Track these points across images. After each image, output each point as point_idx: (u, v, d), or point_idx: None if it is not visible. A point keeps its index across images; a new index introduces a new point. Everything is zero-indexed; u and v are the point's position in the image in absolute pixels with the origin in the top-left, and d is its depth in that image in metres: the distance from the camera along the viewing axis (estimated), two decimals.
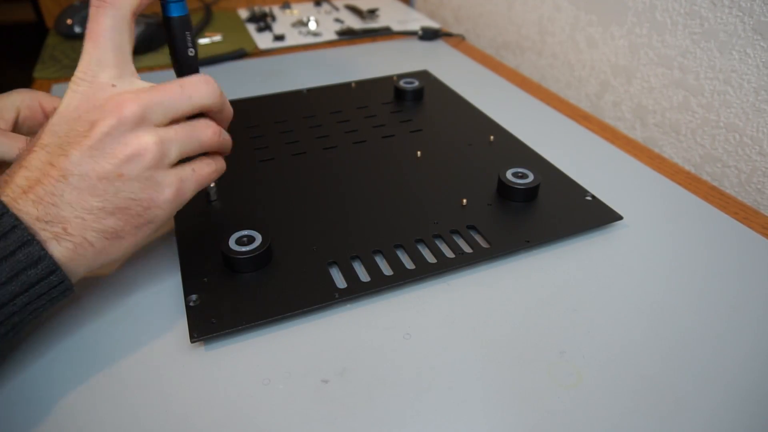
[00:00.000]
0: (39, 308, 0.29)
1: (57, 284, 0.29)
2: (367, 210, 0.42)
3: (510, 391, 0.30)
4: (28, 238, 0.27)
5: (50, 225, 0.28)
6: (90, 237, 0.29)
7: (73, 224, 0.29)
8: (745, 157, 0.52)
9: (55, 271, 0.28)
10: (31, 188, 0.28)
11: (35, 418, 0.28)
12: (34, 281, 0.28)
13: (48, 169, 0.28)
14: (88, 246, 0.29)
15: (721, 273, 0.37)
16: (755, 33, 0.49)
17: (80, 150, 0.29)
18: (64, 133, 0.29)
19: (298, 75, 0.68)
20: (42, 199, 0.28)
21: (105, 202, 0.29)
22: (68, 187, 0.28)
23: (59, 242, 0.28)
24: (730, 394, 0.30)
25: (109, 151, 0.29)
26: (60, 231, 0.28)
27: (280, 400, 0.29)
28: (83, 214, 0.29)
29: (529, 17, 0.76)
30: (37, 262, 0.27)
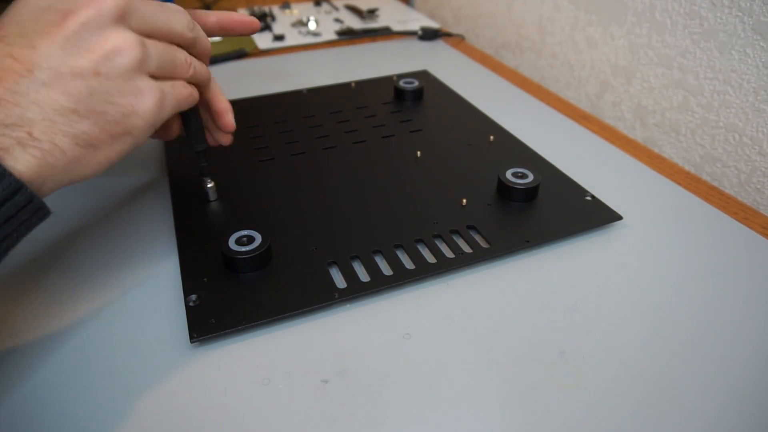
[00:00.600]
0: (12, 233, 0.25)
1: (25, 204, 0.25)
2: (366, 210, 0.42)
3: (510, 391, 0.30)
4: None
5: (11, 129, 0.24)
6: (60, 143, 0.25)
7: (40, 127, 0.25)
8: (745, 157, 0.52)
9: (19, 190, 0.24)
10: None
11: (35, 418, 0.28)
12: (2, 198, 0.24)
13: (9, 62, 0.25)
14: (58, 153, 0.26)
15: (721, 273, 0.37)
16: (755, 33, 0.49)
17: (51, 41, 0.25)
18: (30, 22, 0.25)
19: (298, 75, 0.68)
20: (1, 99, 0.24)
21: (78, 103, 0.26)
22: (34, 84, 0.25)
23: (24, 149, 0.24)
24: (729, 393, 0.30)
25: (85, 44, 0.26)
26: (24, 136, 0.24)
27: (280, 400, 0.29)
28: (52, 116, 0.25)
29: (529, 17, 0.76)
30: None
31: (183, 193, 0.44)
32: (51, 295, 0.35)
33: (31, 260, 0.38)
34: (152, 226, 0.42)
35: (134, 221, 0.42)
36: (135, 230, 0.41)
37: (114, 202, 0.44)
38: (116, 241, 0.40)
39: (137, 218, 0.42)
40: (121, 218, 0.42)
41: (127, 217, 0.43)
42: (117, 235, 0.41)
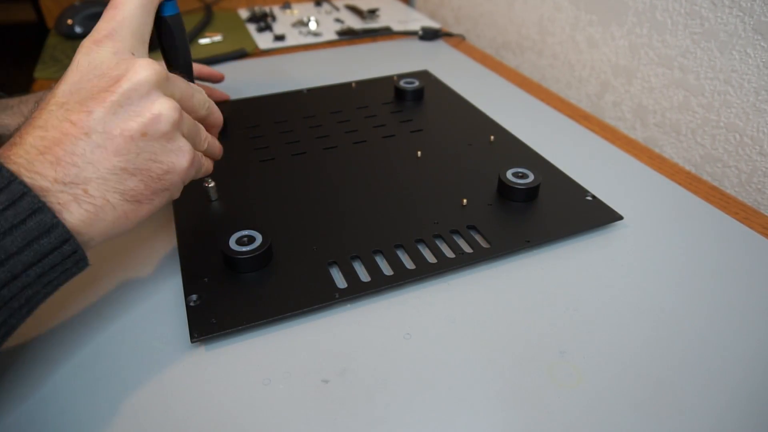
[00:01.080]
0: (53, 281, 0.27)
1: (70, 254, 0.27)
2: (367, 210, 0.42)
3: (510, 391, 0.29)
4: (39, 206, 0.25)
5: (69, 187, 0.27)
6: (112, 199, 0.28)
7: (94, 185, 0.27)
8: (746, 157, 0.52)
9: (68, 240, 0.26)
10: (48, 149, 0.26)
11: (35, 418, 0.28)
12: (47, 251, 0.26)
13: (67, 127, 0.27)
14: (109, 209, 0.28)
15: (721, 273, 0.37)
16: (755, 33, 0.49)
17: (104, 106, 0.27)
18: (86, 89, 0.28)
19: (298, 75, 0.68)
20: (61, 160, 0.26)
21: (128, 162, 0.28)
22: (90, 146, 0.27)
23: (80, 204, 0.27)
24: (730, 393, 0.30)
25: (133, 109, 0.28)
26: (80, 192, 0.27)
27: (280, 400, 0.29)
28: (105, 174, 0.28)
29: (529, 17, 0.76)
30: (50, 231, 0.26)
31: (183, 193, 0.44)
32: (51, 295, 0.35)
33: None
34: (153, 226, 0.42)
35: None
36: (135, 230, 0.41)
37: None
38: (116, 241, 0.40)
39: None
40: None
41: None
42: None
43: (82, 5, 0.80)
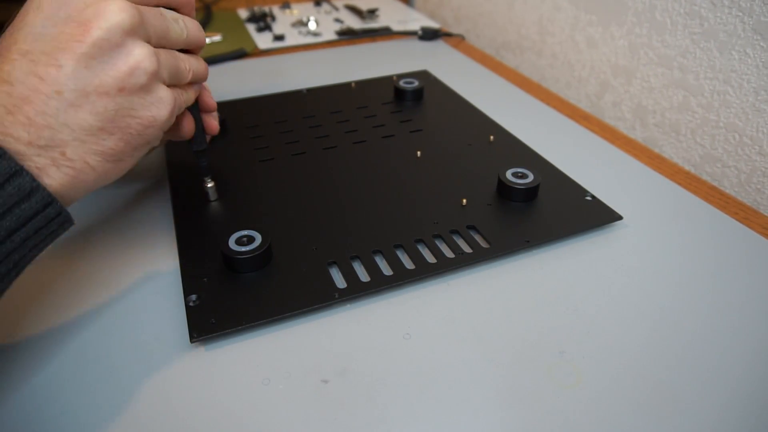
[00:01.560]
0: (39, 243, 0.26)
1: (54, 216, 0.26)
2: (366, 210, 0.42)
3: (510, 391, 0.30)
4: (17, 169, 0.24)
5: (46, 150, 0.25)
6: (91, 160, 0.27)
7: (72, 148, 0.26)
8: (745, 157, 0.52)
9: (50, 203, 0.25)
10: (17, 108, 0.24)
11: (35, 418, 0.28)
12: (30, 215, 0.25)
13: (36, 83, 0.25)
14: (89, 170, 0.27)
15: (721, 273, 0.37)
16: (755, 33, 0.49)
17: (74, 59, 0.25)
18: (51, 36, 0.25)
19: (298, 75, 0.68)
20: (33, 121, 0.25)
21: (105, 121, 0.26)
22: (63, 105, 0.25)
23: (59, 168, 0.26)
24: (729, 393, 0.30)
25: (108, 60, 0.26)
26: (58, 156, 0.25)
27: (280, 400, 0.29)
28: (82, 136, 0.26)
29: (529, 17, 0.76)
30: (30, 195, 0.24)
31: (183, 193, 0.44)
32: (51, 295, 0.35)
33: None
34: (152, 226, 0.42)
35: (134, 221, 0.42)
36: (135, 230, 0.41)
37: (114, 202, 0.44)
38: (116, 242, 0.40)
39: (137, 218, 0.42)
40: (122, 219, 0.42)
41: (127, 218, 0.43)
42: (117, 236, 0.41)
43: None
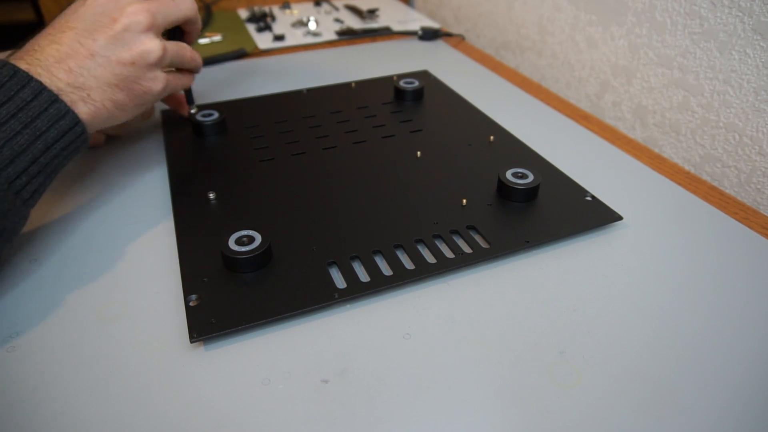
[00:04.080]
0: (69, 154, 0.37)
1: (80, 134, 0.37)
2: (366, 210, 0.42)
3: (510, 391, 0.30)
4: (55, 98, 0.35)
5: (78, 90, 0.37)
6: (107, 104, 0.39)
7: (95, 92, 0.38)
8: (745, 157, 0.52)
9: (78, 123, 0.36)
10: (63, 60, 0.36)
11: (35, 418, 0.28)
12: (65, 129, 0.36)
13: (77, 47, 0.37)
14: (104, 111, 0.39)
15: (721, 273, 0.37)
16: (755, 33, 0.49)
17: (106, 37, 0.38)
18: (91, 22, 0.38)
19: (298, 75, 0.68)
20: (72, 70, 0.37)
21: (119, 80, 0.39)
22: (94, 64, 0.37)
23: (85, 104, 0.37)
24: (729, 393, 0.30)
25: (127, 43, 0.39)
26: (86, 96, 0.37)
27: (280, 400, 0.29)
28: (103, 86, 0.38)
29: (529, 17, 0.76)
30: (65, 115, 0.36)
31: (183, 193, 0.44)
32: (51, 295, 0.35)
33: (31, 260, 0.38)
34: (152, 226, 0.42)
35: (135, 221, 0.42)
36: (135, 230, 0.41)
37: (114, 202, 0.44)
38: (117, 241, 0.40)
39: (138, 218, 0.42)
40: (122, 218, 0.42)
41: (127, 217, 0.43)
42: (117, 235, 0.41)
43: None
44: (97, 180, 0.47)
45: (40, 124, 0.34)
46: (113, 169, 0.49)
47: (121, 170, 0.49)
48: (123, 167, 0.49)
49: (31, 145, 0.34)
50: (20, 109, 0.34)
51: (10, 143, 0.33)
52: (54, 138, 0.35)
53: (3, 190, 0.33)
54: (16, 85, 0.34)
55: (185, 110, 0.53)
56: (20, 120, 0.34)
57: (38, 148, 0.34)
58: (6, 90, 0.34)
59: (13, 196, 0.34)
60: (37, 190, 0.36)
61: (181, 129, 0.53)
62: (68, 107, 0.36)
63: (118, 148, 0.52)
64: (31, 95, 0.34)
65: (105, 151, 0.51)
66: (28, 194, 0.35)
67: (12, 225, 0.34)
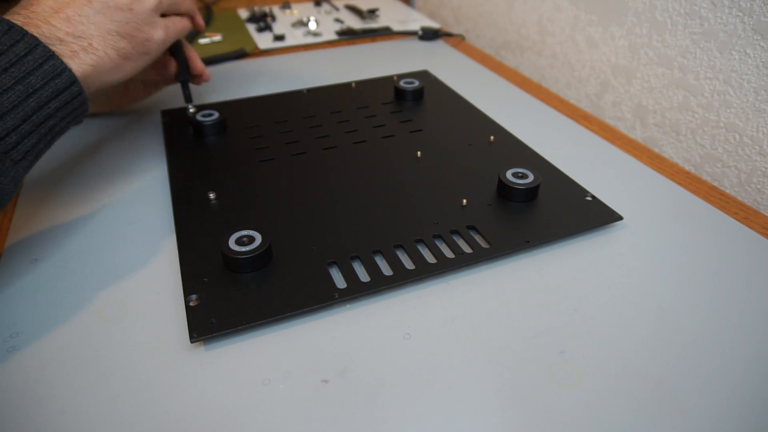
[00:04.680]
0: (66, 117, 0.36)
1: (77, 94, 0.36)
2: (366, 210, 0.42)
3: (510, 391, 0.30)
4: (50, 54, 0.34)
5: (79, 39, 0.36)
6: (109, 53, 0.38)
7: (97, 41, 0.37)
8: (745, 157, 0.52)
9: (74, 82, 0.35)
10: (62, 9, 0.36)
11: (34, 417, 0.28)
12: (61, 88, 0.34)
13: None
14: (107, 60, 0.38)
15: (721, 273, 0.37)
16: (755, 33, 0.49)
17: None
18: None
19: (298, 75, 0.68)
20: (71, 18, 0.36)
21: (119, 27, 0.39)
22: (92, 11, 0.37)
23: (87, 53, 0.36)
24: (730, 393, 0.30)
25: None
26: (87, 45, 0.36)
27: (280, 400, 0.29)
28: (104, 34, 0.38)
29: (529, 17, 0.76)
30: (61, 73, 0.34)
31: (183, 193, 0.44)
32: (51, 295, 0.35)
33: (31, 260, 0.38)
34: (153, 227, 0.42)
35: (134, 222, 0.42)
36: (135, 230, 0.41)
37: (115, 202, 0.44)
38: (117, 241, 0.40)
39: (137, 219, 0.42)
40: (122, 218, 0.42)
41: (127, 218, 0.43)
42: (118, 235, 0.41)
43: None
44: (97, 180, 0.47)
45: (34, 80, 0.33)
46: (113, 168, 0.49)
47: (121, 170, 0.49)
48: (123, 167, 0.49)
49: (23, 102, 0.33)
50: (12, 64, 0.33)
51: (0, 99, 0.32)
52: (48, 96, 0.34)
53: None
54: (10, 39, 0.33)
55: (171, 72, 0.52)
56: (12, 75, 0.33)
57: (30, 105, 0.33)
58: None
59: (1, 155, 0.32)
60: (30, 152, 0.34)
61: (181, 129, 0.53)
62: (64, 65, 0.34)
63: (118, 147, 0.52)
64: (25, 50, 0.33)
65: (105, 150, 0.51)
66: (19, 155, 0.33)
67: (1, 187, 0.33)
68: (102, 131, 0.54)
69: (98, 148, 0.52)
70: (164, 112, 0.57)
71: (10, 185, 0.33)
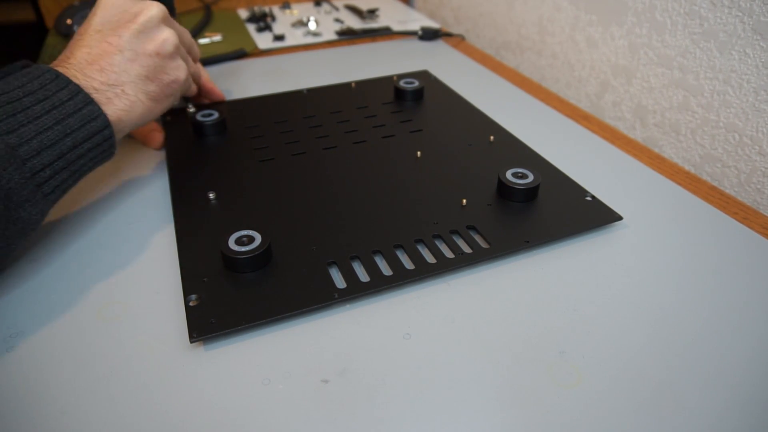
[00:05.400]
0: (95, 157, 0.38)
1: (108, 137, 0.38)
2: (366, 210, 0.42)
3: (510, 391, 0.30)
4: (89, 100, 0.37)
5: (113, 88, 0.39)
6: (141, 97, 0.41)
7: (129, 87, 0.40)
8: (745, 157, 0.52)
9: (107, 126, 0.38)
10: (95, 61, 0.39)
11: (34, 417, 0.28)
12: (96, 130, 0.37)
13: (106, 46, 0.40)
14: (139, 104, 0.41)
15: (720, 273, 0.37)
16: (755, 33, 0.49)
17: (129, 32, 0.41)
18: (114, 21, 0.41)
19: (298, 75, 0.68)
20: (104, 69, 0.39)
21: (148, 71, 0.42)
22: (123, 59, 0.40)
23: (120, 99, 0.39)
24: (730, 393, 0.30)
25: (149, 35, 0.42)
26: (120, 92, 0.40)
27: (280, 400, 0.29)
28: (135, 80, 0.41)
29: (529, 17, 0.76)
30: (97, 117, 0.37)
31: (183, 193, 0.44)
32: (51, 295, 0.35)
33: (31, 260, 0.38)
34: (152, 227, 0.42)
35: (134, 222, 0.42)
36: (135, 230, 0.41)
37: (114, 202, 0.44)
38: (117, 241, 0.40)
39: (137, 219, 0.42)
40: (122, 218, 0.42)
41: (127, 218, 0.43)
42: (117, 235, 0.41)
43: (82, 5, 0.80)
44: (97, 180, 0.47)
45: (72, 122, 0.36)
46: (113, 169, 0.49)
47: (121, 170, 0.48)
48: (123, 167, 0.49)
49: (60, 141, 0.35)
50: (55, 107, 0.36)
51: (40, 136, 0.35)
52: (83, 137, 0.36)
53: (25, 179, 0.33)
54: (56, 87, 0.36)
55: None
56: (53, 117, 0.35)
57: (66, 144, 0.36)
58: (46, 90, 0.36)
59: (34, 188, 0.34)
60: (59, 186, 0.36)
61: (181, 129, 0.53)
62: (101, 110, 0.37)
63: (117, 147, 0.52)
64: (68, 96, 0.36)
65: None
66: (50, 189, 0.35)
67: (28, 216, 0.34)
68: None
69: None
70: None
71: (38, 216, 0.35)
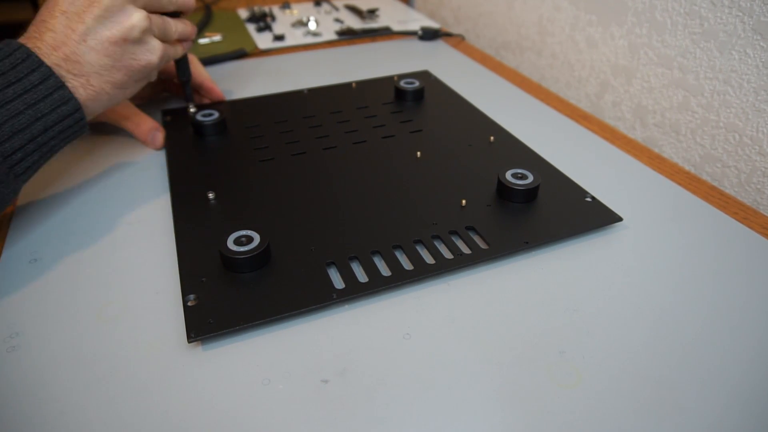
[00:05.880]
0: (66, 137, 0.39)
1: (79, 119, 0.39)
2: (365, 210, 0.42)
3: (510, 391, 0.29)
4: (60, 84, 0.37)
5: (78, 77, 0.38)
6: (105, 87, 0.40)
7: (94, 77, 0.39)
8: (745, 157, 0.52)
9: (78, 109, 0.38)
10: (59, 47, 0.38)
11: (33, 417, 0.28)
12: (66, 114, 0.38)
13: (69, 33, 0.38)
14: (104, 93, 0.40)
15: (721, 273, 0.37)
16: (755, 33, 0.49)
17: (92, 17, 0.38)
18: (79, 3, 0.39)
19: (298, 75, 0.68)
20: (69, 58, 0.38)
21: (114, 60, 0.40)
22: (86, 48, 0.38)
23: (85, 89, 0.39)
24: (730, 393, 0.30)
25: (114, 20, 0.39)
26: (85, 82, 0.39)
27: (280, 400, 0.29)
28: (99, 70, 0.39)
29: (529, 17, 0.76)
30: (68, 101, 0.38)
31: (183, 193, 0.44)
32: (51, 295, 0.35)
33: (31, 260, 0.38)
34: (152, 226, 0.42)
35: (133, 221, 0.42)
36: (135, 230, 0.41)
37: (114, 202, 0.44)
38: (116, 241, 0.40)
39: (136, 218, 0.42)
40: (121, 218, 0.42)
41: (126, 217, 0.43)
42: (117, 235, 0.41)
43: None
44: (96, 180, 0.47)
45: (43, 107, 0.36)
46: (113, 169, 0.49)
47: (120, 170, 0.48)
48: (122, 167, 0.49)
49: (31, 125, 0.36)
50: (26, 91, 0.36)
51: (12, 121, 0.35)
52: (54, 121, 0.37)
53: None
54: (27, 68, 0.36)
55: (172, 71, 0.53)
56: (25, 101, 0.36)
57: (38, 128, 0.36)
58: (17, 72, 0.36)
59: (6, 170, 0.36)
60: (31, 167, 0.37)
61: (181, 129, 0.53)
62: (71, 94, 0.38)
63: (117, 147, 0.52)
64: (39, 79, 0.36)
65: (105, 150, 0.51)
66: (21, 170, 0.37)
67: (1, 197, 0.36)
68: (102, 131, 0.54)
69: (98, 148, 0.52)
70: (164, 112, 0.57)
71: (11, 195, 0.37)
